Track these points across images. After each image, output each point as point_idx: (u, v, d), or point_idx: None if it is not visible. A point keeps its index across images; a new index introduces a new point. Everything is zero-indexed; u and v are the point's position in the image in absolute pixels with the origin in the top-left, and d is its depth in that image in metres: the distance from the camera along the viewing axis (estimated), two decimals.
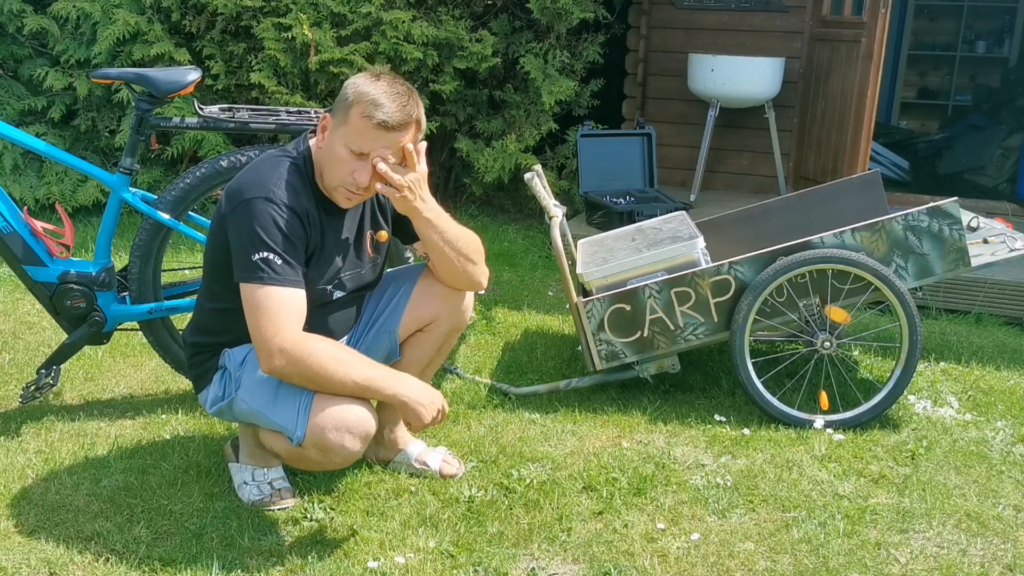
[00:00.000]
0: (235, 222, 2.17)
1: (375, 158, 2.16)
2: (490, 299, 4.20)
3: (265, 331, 2.11)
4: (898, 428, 2.94)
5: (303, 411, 2.16)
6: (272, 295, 2.13)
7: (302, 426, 2.15)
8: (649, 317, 2.98)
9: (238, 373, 2.30)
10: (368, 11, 4.93)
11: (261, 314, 2.12)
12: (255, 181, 2.19)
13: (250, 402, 2.26)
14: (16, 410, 2.96)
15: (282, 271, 2.14)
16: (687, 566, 2.21)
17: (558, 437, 2.84)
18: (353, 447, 2.16)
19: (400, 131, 2.16)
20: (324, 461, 2.21)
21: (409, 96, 2.18)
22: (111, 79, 2.89)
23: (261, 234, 2.13)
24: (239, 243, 2.16)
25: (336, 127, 2.19)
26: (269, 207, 2.15)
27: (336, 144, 2.18)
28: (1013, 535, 2.36)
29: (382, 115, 2.12)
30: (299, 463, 2.31)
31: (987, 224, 3.34)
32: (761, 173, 5.57)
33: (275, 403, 2.21)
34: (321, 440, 2.15)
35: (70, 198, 5.25)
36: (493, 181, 5.26)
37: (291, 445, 2.19)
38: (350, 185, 2.19)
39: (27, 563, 2.16)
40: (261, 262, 2.13)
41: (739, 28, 5.49)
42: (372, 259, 2.45)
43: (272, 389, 2.22)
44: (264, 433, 2.32)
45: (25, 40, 5.37)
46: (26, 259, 2.83)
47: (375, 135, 2.14)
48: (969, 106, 7.61)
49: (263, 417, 2.25)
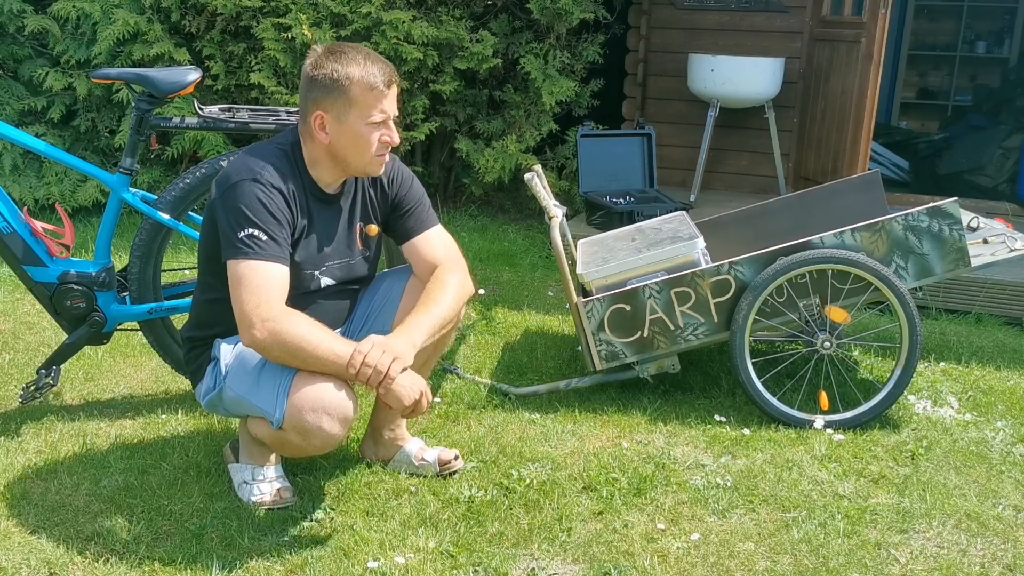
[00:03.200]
0: (222, 205, 2.22)
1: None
2: (490, 299, 4.20)
3: (247, 303, 2.14)
4: (898, 428, 2.94)
5: (282, 393, 2.18)
6: (255, 268, 2.16)
7: (281, 408, 2.18)
8: (649, 317, 2.98)
9: (227, 362, 2.32)
10: (368, 11, 4.93)
11: (243, 287, 2.15)
12: (242, 166, 2.24)
13: (236, 388, 2.29)
14: (16, 410, 2.96)
15: (266, 246, 2.18)
16: (687, 566, 2.21)
17: (558, 437, 2.84)
18: (332, 429, 2.17)
19: (393, 84, 2.29)
20: (304, 445, 2.22)
21: (374, 54, 2.32)
22: (111, 79, 2.89)
23: (247, 212, 2.18)
24: (226, 224, 2.20)
25: (341, 116, 2.25)
26: (255, 187, 2.20)
27: (353, 128, 2.25)
28: (1013, 535, 2.36)
29: (381, 78, 2.24)
30: (282, 449, 2.35)
31: (987, 224, 3.34)
32: (761, 173, 5.57)
33: (257, 387, 2.24)
34: (299, 422, 2.16)
35: (70, 198, 5.25)
36: (493, 181, 5.26)
37: (273, 429, 2.23)
38: (382, 150, 2.30)
39: (27, 563, 2.16)
40: (246, 238, 2.17)
41: (739, 28, 5.49)
42: (362, 252, 2.46)
43: (255, 373, 2.25)
44: (251, 422, 2.35)
45: (25, 40, 5.37)
46: (26, 259, 2.83)
47: (383, 96, 2.25)
48: (969, 106, 7.61)
49: (247, 403, 2.28)
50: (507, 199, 5.79)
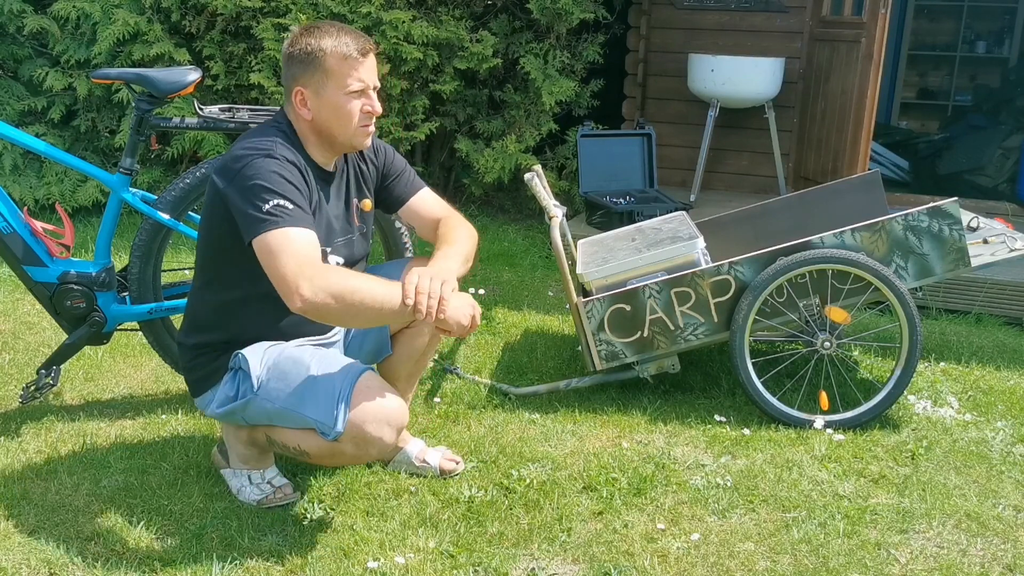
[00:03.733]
0: (236, 187, 2.15)
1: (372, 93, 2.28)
2: (490, 299, 4.20)
3: (287, 268, 2.07)
4: (898, 428, 2.94)
5: (343, 404, 2.14)
6: (288, 234, 2.10)
7: (342, 420, 2.13)
8: (649, 317, 2.98)
9: (258, 373, 2.25)
10: (368, 11, 4.93)
11: (280, 253, 2.09)
12: (249, 147, 2.20)
13: (276, 401, 2.23)
14: (16, 410, 2.96)
15: (294, 213, 2.13)
16: (687, 566, 2.21)
17: (558, 437, 2.84)
18: (390, 439, 2.18)
19: (370, 52, 2.28)
20: (359, 454, 2.21)
21: (347, 26, 2.31)
22: (111, 79, 2.89)
23: (267, 185, 2.13)
24: (245, 202, 2.13)
25: (319, 89, 2.24)
26: (270, 162, 2.16)
27: (332, 99, 2.24)
28: (1013, 535, 2.36)
29: (355, 47, 2.24)
30: (329, 459, 2.30)
31: (987, 224, 3.34)
32: (761, 173, 5.57)
33: (308, 400, 2.19)
34: (361, 433, 2.14)
35: (70, 198, 5.25)
36: (493, 181, 5.26)
37: (324, 441, 2.18)
38: (365, 120, 2.28)
39: (27, 563, 2.16)
40: (273, 208, 2.11)
41: (739, 28, 5.49)
42: (359, 227, 2.46)
43: (304, 385, 2.20)
44: (286, 433, 2.28)
45: (25, 40, 5.37)
46: (26, 259, 2.83)
47: (359, 65, 2.25)
48: (969, 106, 7.61)
49: (293, 415, 2.22)
50: (507, 199, 5.79)
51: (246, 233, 2.14)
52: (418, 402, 3.06)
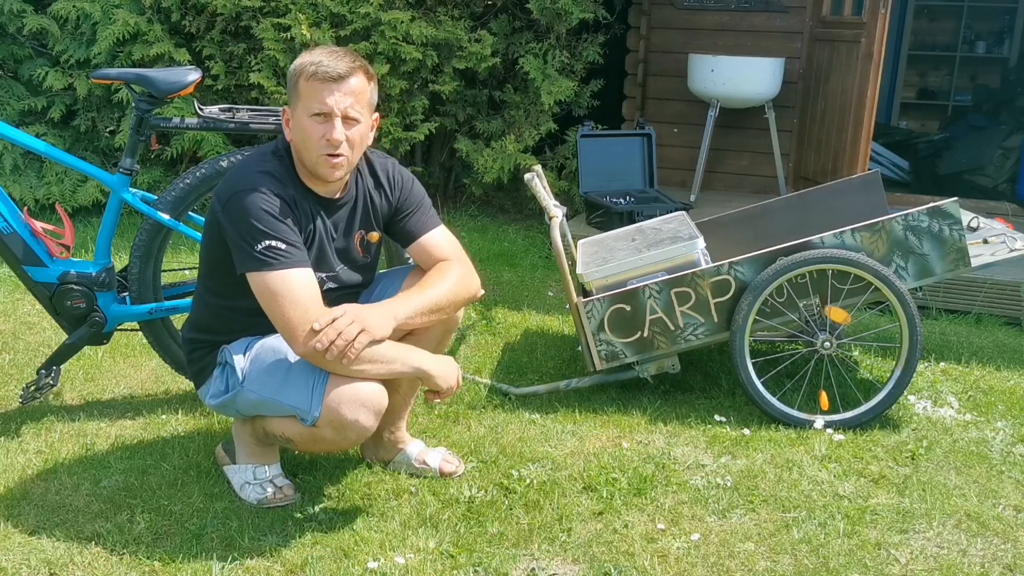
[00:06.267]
0: (228, 219, 2.20)
1: (337, 117, 2.19)
2: (490, 299, 4.20)
3: (291, 315, 2.13)
4: (898, 428, 2.94)
5: (318, 390, 2.18)
6: (287, 278, 2.15)
7: (317, 405, 2.17)
8: (649, 317, 2.98)
9: (242, 366, 2.30)
10: (367, 11, 4.93)
11: (281, 299, 2.14)
12: (240, 176, 2.23)
13: (259, 391, 2.27)
14: (16, 410, 2.96)
15: (288, 253, 2.17)
16: (687, 566, 2.20)
17: (558, 437, 2.84)
18: (367, 422, 2.19)
19: (349, 78, 2.19)
20: (339, 439, 2.23)
21: (347, 52, 2.25)
22: (111, 79, 2.89)
23: (257, 225, 2.16)
24: (237, 239, 2.18)
25: (294, 109, 2.24)
26: (257, 198, 2.17)
27: (299, 120, 2.23)
28: (1013, 535, 2.36)
29: (324, 68, 2.17)
30: (312, 445, 2.33)
31: (987, 224, 3.34)
32: (761, 173, 5.57)
33: (286, 387, 2.23)
34: (337, 416, 2.16)
35: (70, 198, 5.25)
36: (493, 181, 5.26)
37: (304, 427, 2.22)
38: (326, 149, 2.21)
39: (27, 563, 2.16)
40: (265, 250, 2.15)
41: (739, 28, 5.49)
42: (363, 258, 2.46)
43: (282, 374, 2.24)
44: (273, 422, 2.33)
45: (25, 40, 5.37)
46: (26, 259, 2.83)
47: (325, 88, 2.17)
48: (969, 106, 7.61)
49: (274, 404, 2.26)
50: (507, 199, 5.79)
51: (239, 264, 2.20)
52: (418, 402, 3.06)
